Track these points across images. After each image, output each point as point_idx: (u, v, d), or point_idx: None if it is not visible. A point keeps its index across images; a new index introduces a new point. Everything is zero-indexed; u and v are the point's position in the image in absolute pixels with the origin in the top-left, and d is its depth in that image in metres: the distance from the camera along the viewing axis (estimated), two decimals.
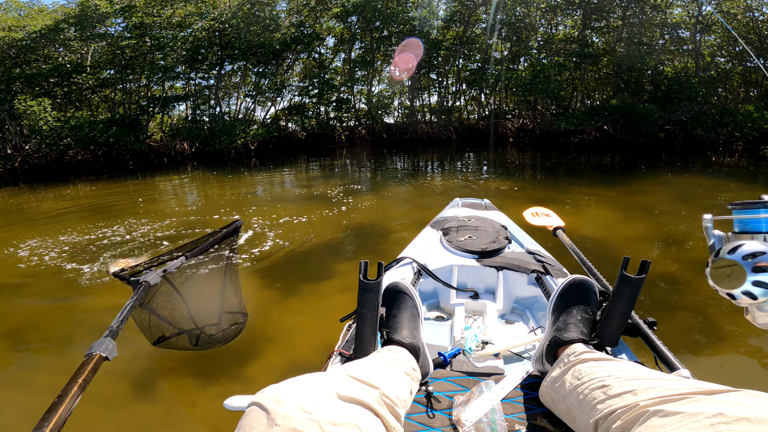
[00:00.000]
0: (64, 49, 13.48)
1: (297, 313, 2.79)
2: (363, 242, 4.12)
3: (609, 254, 3.45)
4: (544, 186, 7.04)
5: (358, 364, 0.87)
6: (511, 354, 1.25)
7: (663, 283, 2.91)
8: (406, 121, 16.74)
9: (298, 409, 0.61)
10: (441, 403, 1.00)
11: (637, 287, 0.99)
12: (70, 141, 11.71)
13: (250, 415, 0.63)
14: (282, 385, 0.68)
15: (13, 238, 4.85)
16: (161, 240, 4.51)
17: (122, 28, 13.46)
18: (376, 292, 1.03)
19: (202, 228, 4.90)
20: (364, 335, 1.04)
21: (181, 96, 14.86)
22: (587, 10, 13.45)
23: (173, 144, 13.69)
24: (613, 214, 4.92)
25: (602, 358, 0.88)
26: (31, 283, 3.49)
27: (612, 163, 9.56)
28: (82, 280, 3.45)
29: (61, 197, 8.20)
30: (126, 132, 12.18)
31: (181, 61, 14.00)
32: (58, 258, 4.06)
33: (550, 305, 1.10)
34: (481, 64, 15.88)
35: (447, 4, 15.87)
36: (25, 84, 12.28)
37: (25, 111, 10.98)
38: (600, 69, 15.00)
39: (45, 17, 13.15)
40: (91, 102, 14.94)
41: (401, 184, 7.57)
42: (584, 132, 13.20)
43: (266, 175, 9.77)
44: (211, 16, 13.17)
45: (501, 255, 1.73)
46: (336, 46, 16.63)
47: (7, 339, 2.59)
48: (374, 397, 0.73)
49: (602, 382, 0.77)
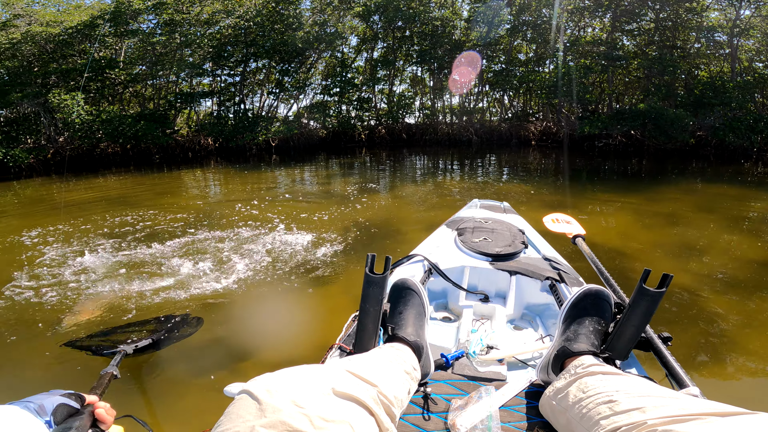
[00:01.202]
0: (99, 44, 13.96)
1: (304, 307, 2.82)
2: (375, 240, 4.12)
3: (623, 264, 3.34)
4: (564, 191, 6.89)
5: (358, 359, 0.85)
6: (515, 361, 1.22)
7: (675, 296, 2.81)
8: (427, 121, 16.66)
9: (289, 401, 0.60)
10: (438, 405, 0.99)
11: (656, 301, 0.95)
12: (101, 134, 12.13)
13: (239, 402, 0.62)
14: (275, 375, 0.67)
15: (36, 225, 5.08)
16: (179, 231, 4.63)
17: (154, 24, 13.87)
18: (381, 286, 1.01)
19: (218, 221, 5.01)
20: (365, 330, 1.03)
21: (207, 92, 15.20)
22: (617, 13, 13.07)
23: (198, 139, 14.03)
24: (632, 221, 4.77)
25: (611, 372, 0.84)
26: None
27: (638, 170, 9.27)
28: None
29: (90, 188, 8.51)
30: (153, 126, 12.54)
31: (208, 58, 14.32)
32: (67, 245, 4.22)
33: (561, 314, 1.07)
34: (504, 65, 15.65)
35: (471, 5, 15.70)
36: (60, 78, 12.78)
37: (59, 104, 11.43)
38: (630, 72, 14.56)
39: (82, 13, 13.63)
40: (122, 97, 15.44)
41: (419, 184, 7.54)
42: (610, 136, 12.83)
43: (286, 171, 9.90)
44: (237, 14, 13.42)
45: (516, 259, 1.70)
46: (358, 45, 16.69)
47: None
48: (371, 395, 0.71)
49: (609, 396, 0.74)
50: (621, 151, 12.32)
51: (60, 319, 2.71)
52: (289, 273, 3.36)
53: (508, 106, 17.52)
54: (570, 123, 13.94)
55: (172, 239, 4.34)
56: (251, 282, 3.19)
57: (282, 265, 3.52)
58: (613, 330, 1.00)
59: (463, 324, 1.41)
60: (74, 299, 3.01)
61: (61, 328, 2.56)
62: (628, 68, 14.12)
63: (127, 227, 4.93)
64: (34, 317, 2.77)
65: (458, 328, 1.42)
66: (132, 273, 3.48)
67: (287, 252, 3.84)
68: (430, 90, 17.15)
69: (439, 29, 14.97)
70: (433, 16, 14.89)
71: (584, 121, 12.46)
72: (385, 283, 1.02)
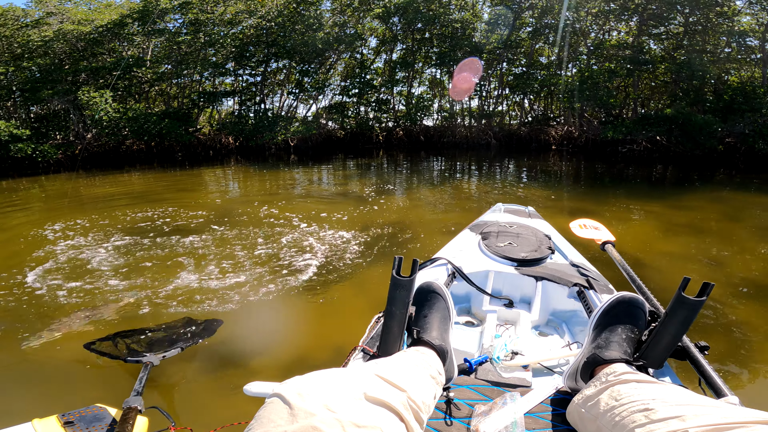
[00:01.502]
0: (128, 43, 14.37)
1: (320, 307, 2.82)
2: (393, 242, 4.11)
3: (645, 273, 3.24)
4: (585, 196, 6.75)
5: (386, 363, 0.84)
6: (541, 367, 1.20)
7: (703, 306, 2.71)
8: (445, 124, 16.59)
9: (321, 406, 0.59)
10: (461, 410, 0.97)
11: (695, 310, 0.93)
12: (127, 131, 12.47)
13: (270, 406, 0.61)
14: (306, 379, 0.67)
15: (60, 219, 5.24)
16: (199, 228, 4.71)
17: (179, 23, 14.22)
18: (408, 290, 1.00)
19: (237, 219, 5.07)
20: (390, 333, 1.02)
21: (229, 92, 15.48)
22: (644, 16, 12.76)
23: (219, 138, 14.29)
24: (656, 229, 4.64)
25: (646, 380, 0.82)
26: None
27: (662, 176, 9.03)
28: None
29: (114, 184, 8.76)
30: (177, 125, 12.83)
31: (230, 57, 14.58)
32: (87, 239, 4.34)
33: (592, 321, 1.05)
34: (525, 68, 15.47)
35: (492, 8, 15.57)
36: (89, 76, 13.20)
37: (88, 102, 11.80)
38: (656, 76, 14.19)
39: (112, 11, 14.06)
40: (148, 95, 15.85)
41: (437, 187, 7.50)
42: (634, 142, 12.52)
43: (304, 171, 9.99)
44: (259, 14, 13.64)
45: (542, 265, 1.68)
46: (378, 46, 16.75)
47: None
48: (401, 401, 0.70)
49: (645, 404, 0.72)
50: (645, 157, 12.01)
51: (77, 316, 2.78)
52: (306, 272, 3.37)
53: (528, 109, 17.30)
54: (592, 128, 13.67)
55: (191, 236, 4.42)
56: (268, 281, 3.22)
57: (299, 265, 3.54)
58: (647, 338, 0.98)
59: (487, 329, 1.39)
60: (92, 295, 3.08)
61: (78, 326, 2.61)
62: (654, 72, 13.77)
63: (147, 222, 5.05)
64: (51, 313, 2.84)
65: (481, 333, 1.40)
66: (149, 269, 3.55)
67: (305, 252, 3.87)
68: (449, 92, 17.09)
69: (458, 31, 14.90)
70: (453, 18, 14.82)
71: (607, 126, 12.20)
72: (412, 286, 1.01)
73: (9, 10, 13.34)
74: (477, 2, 15.76)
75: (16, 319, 2.71)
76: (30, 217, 5.65)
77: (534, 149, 14.31)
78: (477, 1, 15.70)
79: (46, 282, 3.29)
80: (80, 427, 1.24)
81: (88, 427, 1.24)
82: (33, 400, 1.92)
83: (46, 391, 2.00)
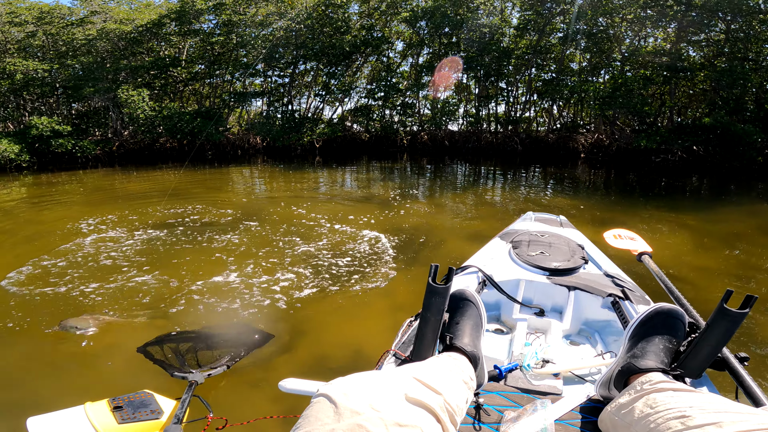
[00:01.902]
0: (165, 43, 14.90)
1: (345, 309, 2.85)
2: (417, 248, 4.11)
3: (677, 286, 3.11)
4: (615, 206, 6.56)
5: (423, 367, 0.87)
6: (572, 376, 1.21)
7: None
8: (471, 129, 16.45)
9: (366, 405, 0.62)
10: (490, 416, 0.98)
11: (737, 322, 0.93)
12: (162, 130, 12.93)
13: (317, 405, 0.65)
14: (350, 380, 0.70)
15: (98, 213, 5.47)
16: (227, 227, 4.83)
17: (213, 24, 14.68)
18: (444, 297, 1.02)
19: (264, 219, 5.18)
20: (424, 338, 1.03)
21: (258, 92, 15.84)
22: (683, 23, 12.33)
23: (248, 138, 14.64)
24: (688, 242, 4.48)
25: (682, 388, 0.82)
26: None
27: (698, 188, 8.69)
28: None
29: (148, 180, 9.10)
30: (208, 124, 13.21)
31: (260, 58, 14.91)
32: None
33: (628, 331, 1.05)
34: (555, 74, 15.17)
35: (521, 13, 15.36)
36: (129, 74, 13.75)
37: (126, 100, 12.30)
38: (695, 84, 13.67)
39: (151, 11, 14.62)
40: (182, 94, 16.40)
41: (461, 193, 7.45)
42: (669, 151, 12.09)
43: (329, 173, 10.11)
44: (288, 16, 13.92)
45: (575, 275, 1.68)
46: (404, 50, 16.78)
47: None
48: (438, 403, 0.73)
49: (682, 412, 0.72)
50: (680, 167, 11.58)
51: (122, 307, 2.90)
52: (331, 274, 3.42)
53: (557, 116, 16.96)
54: (624, 136, 13.28)
55: (223, 234, 4.55)
56: (296, 282, 3.27)
57: (325, 266, 3.59)
58: (686, 349, 0.98)
59: (517, 337, 1.40)
60: (130, 289, 3.21)
61: (123, 317, 2.72)
62: (693, 80, 13.28)
63: (182, 218, 5.22)
64: (95, 305, 2.98)
65: (511, 341, 1.42)
66: (185, 266, 3.67)
67: (331, 253, 3.92)
68: (475, 97, 16.94)
69: (486, 36, 14.77)
70: (481, 23, 14.69)
71: (640, 135, 11.82)
72: (448, 293, 1.03)
73: (55, 8, 14.02)
74: (506, 7, 15.60)
75: (65, 309, 2.86)
76: (67, 211, 5.94)
77: (562, 156, 14.02)
78: (506, 6, 15.55)
79: (89, 274, 3.45)
80: (128, 411, 1.30)
81: (135, 412, 1.30)
82: (85, 385, 2.04)
83: (97, 377, 2.11)
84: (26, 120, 12.67)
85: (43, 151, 11.83)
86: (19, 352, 2.34)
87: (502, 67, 14.98)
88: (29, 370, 2.18)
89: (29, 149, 11.43)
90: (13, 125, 13.67)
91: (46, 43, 14.16)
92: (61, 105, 15.02)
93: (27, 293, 3.02)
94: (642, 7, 12.51)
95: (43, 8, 13.78)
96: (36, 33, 13.76)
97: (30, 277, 3.33)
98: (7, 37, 13.74)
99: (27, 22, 13.47)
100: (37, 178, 9.47)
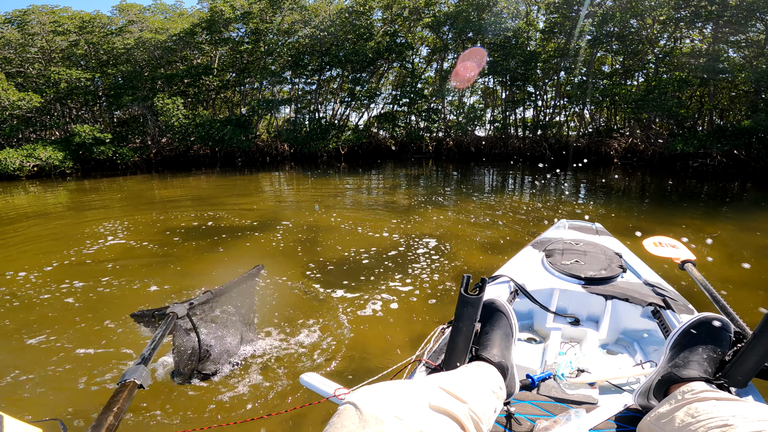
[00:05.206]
0: (198, 51, 15.49)
1: (362, 315, 2.86)
2: (445, 256, 4.08)
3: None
4: (650, 214, 6.31)
5: (449, 376, 0.88)
6: (608, 385, 1.19)
7: None
8: (497, 134, 16.24)
9: (390, 413, 0.64)
10: (521, 425, 0.98)
11: None
12: (195, 137, 13.45)
13: (343, 413, 0.66)
14: (375, 388, 0.71)
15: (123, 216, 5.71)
16: (254, 230, 4.96)
17: (242, 33, 15.16)
18: (476, 307, 1.02)
19: (285, 221, 5.28)
20: (456, 348, 1.04)
21: (286, 99, 16.25)
22: (719, 23, 11.80)
23: (275, 145, 15.00)
24: (729, 250, 4.25)
25: (726, 398, 0.80)
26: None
27: (739, 194, 8.24)
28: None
29: (182, 186, 9.45)
30: (238, 131, 13.63)
31: (287, 66, 15.28)
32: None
33: (670, 340, 1.03)
34: (585, 77, 14.81)
35: (547, 16, 15.10)
36: (165, 83, 14.35)
37: (162, 108, 12.85)
38: (736, 86, 13.03)
39: (184, 21, 15.19)
40: (214, 102, 16.99)
41: (488, 200, 7.36)
42: (707, 156, 11.54)
43: (354, 179, 10.20)
44: (313, 24, 14.22)
45: (612, 284, 1.64)
46: (429, 55, 16.79)
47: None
48: (463, 412, 0.73)
49: (724, 421, 0.71)
50: (720, 172, 11.04)
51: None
52: (354, 279, 3.44)
53: (588, 120, 16.52)
54: (661, 140, 12.79)
55: (252, 237, 4.66)
56: (314, 287, 3.32)
57: (348, 271, 3.61)
58: (732, 358, 0.96)
59: (550, 346, 1.39)
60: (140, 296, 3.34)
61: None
62: (733, 81, 12.66)
63: (209, 222, 5.40)
64: (122, 302, 3.11)
65: (544, 350, 1.41)
66: (211, 266, 3.78)
67: (354, 259, 3.95)
68: (502, 102, 16.73)
69: (511, 40, 14.60)
70: (505, 27, 14.53)
71: (677, 139, 11.35)
72: (480, 304, 1.03)
73: (96, 18, 14.77)
74: (531, 10, 15.38)
75: (104, 305, 3.01)
76: (103, 215, 6.24)
77: (593, 162, 13.63)
78: (531, 9, 15.33)
79: (119, 274, 3.62)
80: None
81: None
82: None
83: None
84: (70, 128, 13.40)
85: (86, 158, 12.47)
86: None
87: (528, 71, 14.75)
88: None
89: (73, 156, 12.05)
90: (59, 132, 14.48)
91: (88, 52, 14.89)
92: (103, 113, 15.79)
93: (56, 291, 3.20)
94: (674, 8, 12.07)
95: (84, 17, 14.52)
96: (78, 42, 14.50)
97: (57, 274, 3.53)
98: (52, 46, 14.56)
99: (69, 32, 14.21)
100: (80, 184, 9.99)
